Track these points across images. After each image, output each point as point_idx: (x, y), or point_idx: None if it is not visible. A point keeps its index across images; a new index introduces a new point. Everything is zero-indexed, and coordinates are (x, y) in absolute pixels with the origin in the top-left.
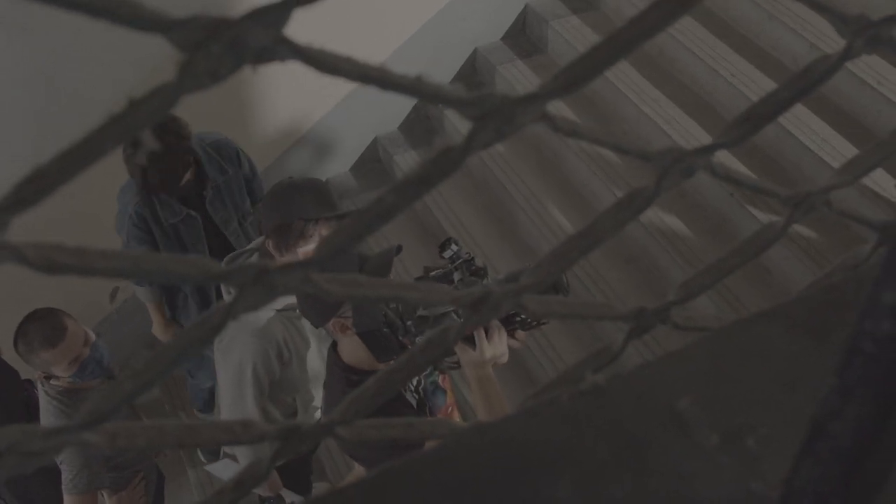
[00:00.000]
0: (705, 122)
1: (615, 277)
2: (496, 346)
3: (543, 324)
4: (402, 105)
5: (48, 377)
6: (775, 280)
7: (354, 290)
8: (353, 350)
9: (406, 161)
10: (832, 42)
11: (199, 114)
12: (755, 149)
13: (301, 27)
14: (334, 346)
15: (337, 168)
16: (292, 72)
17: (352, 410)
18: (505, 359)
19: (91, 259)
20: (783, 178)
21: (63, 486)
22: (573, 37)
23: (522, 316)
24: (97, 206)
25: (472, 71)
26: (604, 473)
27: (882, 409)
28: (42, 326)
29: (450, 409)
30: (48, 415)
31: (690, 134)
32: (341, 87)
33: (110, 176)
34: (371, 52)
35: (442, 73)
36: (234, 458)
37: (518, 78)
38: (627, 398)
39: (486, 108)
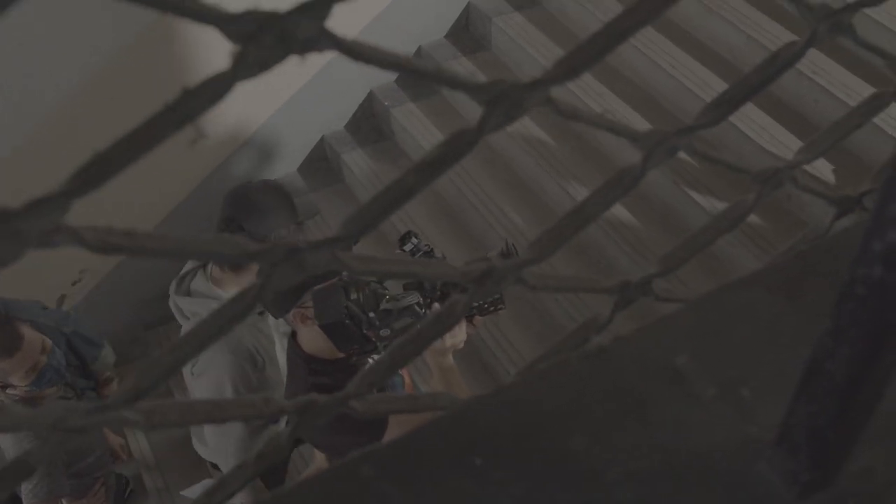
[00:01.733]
0: (648, 114)
1: (568, 268)
2: (456, 333)
3: (500, 309)
4: (348, 104)
5: (4, 386)
6: (722, 266)
7: (374, 266)
8: (312, 339)
9: (353, 160)
10: (767, 34)
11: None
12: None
13: None
14: (293, 335)
15: (285, 168)
16: None
17: (365, 384)
18: (462, 344)
19: (140, 240)
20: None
21: (23, 496)
22: (517, 33)
23: (480, 302)
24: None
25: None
26: (612, 426)
27: (872, 347)
28: None
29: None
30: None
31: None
32: (286, 89)
33: None
34: None
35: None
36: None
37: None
38: (629, 358)
39: (497, 92)
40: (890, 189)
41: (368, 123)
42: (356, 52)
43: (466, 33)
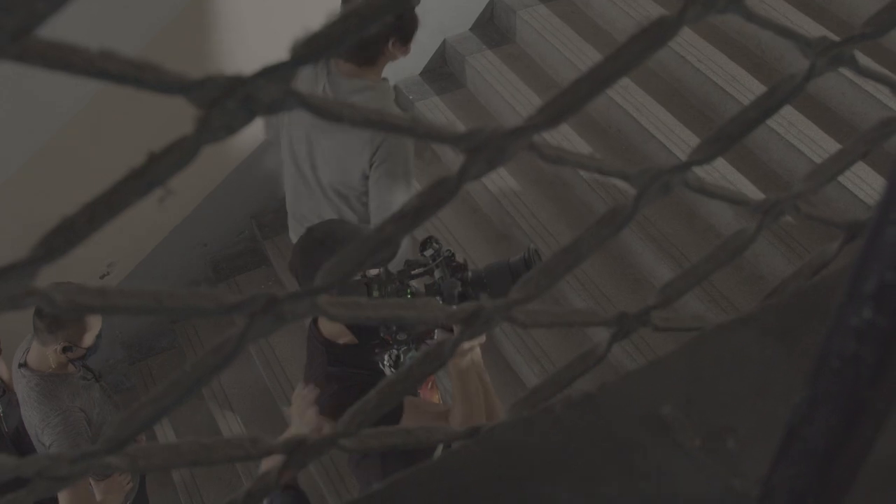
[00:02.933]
0: (673, 108)
1: (605, 282)
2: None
3: None
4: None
5: (68, 348)
6: (748, 264)
7: (358, 311)
8: (332, 323)
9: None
10: (797, 26)
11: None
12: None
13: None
14: (314, 320)
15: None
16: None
17: (355, 422)
18: (482, 341)
19: (112, 298)
20: (756, 166)
21: None
22: (541, 26)
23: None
24: None
25: (442, 62)
26: (597, 476)
27: (848, 417)
28: None
29: (430, 384)
30: (31, 404)
31: (659, 119)
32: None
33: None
34: None
35: (412, 64)
36: None
37: (488, 68)
38: (615, 405)
39: (478, 141)
40: (867, 262)
41: (493, 26)
42: (323, 109)
43: (491, 26)
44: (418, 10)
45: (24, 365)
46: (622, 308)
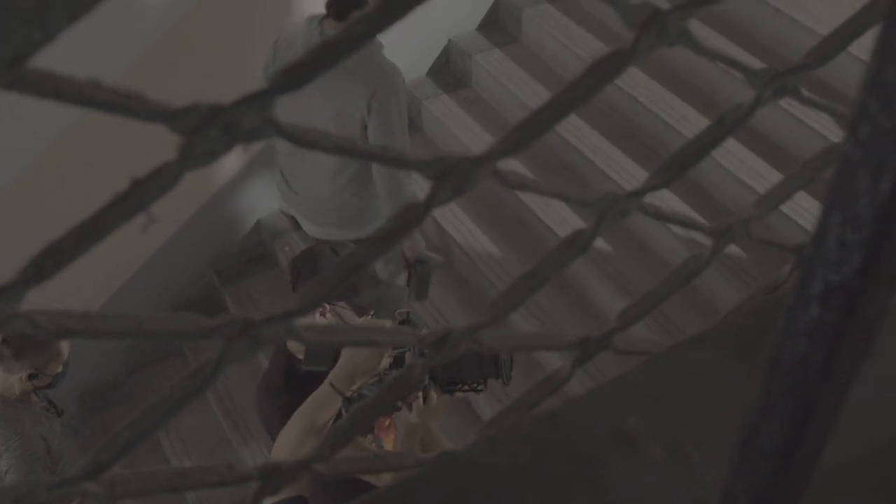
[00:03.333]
0: (627, 148)
1: (551, 305)
2: (426, 413)
3: (481, 390)
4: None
5: (34, 375)
6: (702, 298)
7: (331, 336)
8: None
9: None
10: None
11: None
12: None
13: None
14: None
15: (266, 208)
16: None
17: (327, 446)
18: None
19: (95, 322)
20: (703, 197)
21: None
22: (497, 70)
23: (465, 387)
24: None
25: None
26: (565, 490)
27: (801, 414)
28: None
29: (387, 422)
30: None
31: (613, 160)
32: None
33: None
34: None
35: None
36: None
37: (445, 112)
38: (580, 421)
39: (444, 168)
40: (812, 266)
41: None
42: (300, 139)
43: (447, 70)
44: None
45: (34, 375)
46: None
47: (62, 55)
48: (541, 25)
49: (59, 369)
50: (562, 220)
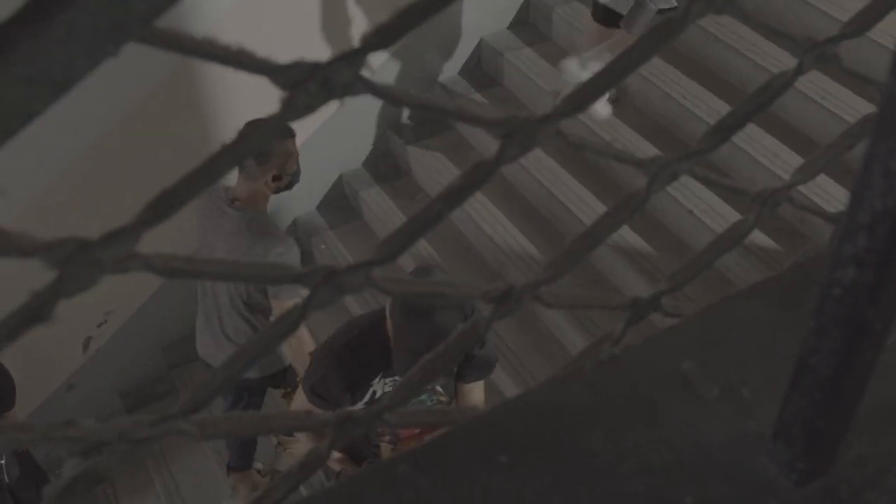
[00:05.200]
0: (661, 145)
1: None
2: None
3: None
4: (364, 143)
5: (276, 177)
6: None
7: (405, 287)
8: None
9: (371, 196)
10: (773, 60)
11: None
12: (710, 165)
13: None
14: None
15: (304, 207)
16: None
17: (398, 397)
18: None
19: (199, 265)
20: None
21: None
22: (528, 68)
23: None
24: None
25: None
26: (625, 426)
27: (851, 342)
28: None
29: (417, 430)
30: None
31: (648, 156)
32: (304, 129)
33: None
34: None
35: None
36: None
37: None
38: (639, 364)
39: (512, 127)
40: (859, 196)
41: (385, 161)
42: (386, 94)
43: (479, 69)
44: (408, 55)
45: (234, 203)
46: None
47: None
48: (571, 23)
49: (296, 168)
50: (595, 214)
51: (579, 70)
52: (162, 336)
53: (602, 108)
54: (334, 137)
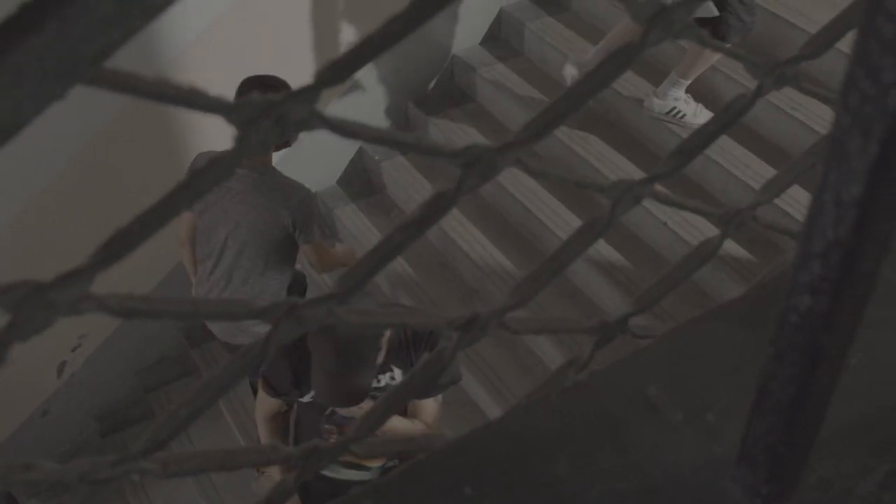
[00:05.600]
0: (633, 156)
1: (559, 312)
2: None
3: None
4: (339, 160)
5: None
6: (713, 304)
7: (368, 318)
8: None
9: (346, 214)
10: (743, 72)
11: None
12: (683, 177)
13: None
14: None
15: None
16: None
17: (365, 428)
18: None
19: (157, 304)
20: (711, 203)
21: None
22: (501, 83)
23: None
24: None
25: (406, 122)
26: (592, 452)
27: (808, 368)
28: None
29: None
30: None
31: (620, 168)
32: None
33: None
34: None
35: (377, 124)
36: None
37: (452, 128)
38: (605, 390)
39: (472, 157)
40: (812, 225)
41: (360, 178)
42: (343, 129)
43: (452, 84)
44: (382, 71)
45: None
46: (584, 344)
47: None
48: (542, 38)
49: None
50: (572, 230)
51: (662, 103)
52: (137, 359)
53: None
54: (308, 156)
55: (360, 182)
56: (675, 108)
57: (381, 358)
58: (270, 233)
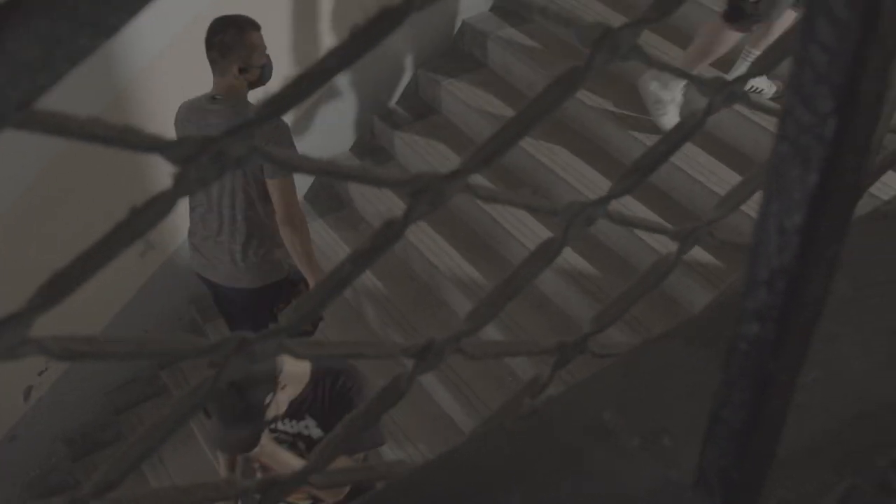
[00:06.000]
0: (599, 166)
1: (532, 325)
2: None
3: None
4: (306, 175)
5: (243, 70)
6: (683, 309)
7: (320, 350)
8: None
9: (315, 230)
10: None
11: None
12: (649, 185)
13: None
14: None
15: None
16: None
17: (322, 460)
18: None
19: (101, 345)
20: (677, 211)
21: None
22: (465, 96)
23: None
24: None
25: (371, 136)
26: (548, 481)
27: (758, 394)
28: None
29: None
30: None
31: (585, 177)
32: None
33: None
34: None
35: (343, 139)
36: None
37: (418, 141)
38: (560, 416)
39: (419, 186)
40: (756, 253)
41: (327, 192)
42: (287, 163)
43: (416, 97)
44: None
45: (216, 99)
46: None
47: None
48: (505, 49)
49: (264, 60)
50: (539, 239)
51: (660, 90)
52: (106, 381)
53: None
54: None
55: (327, 196)
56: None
57: (277, 411)
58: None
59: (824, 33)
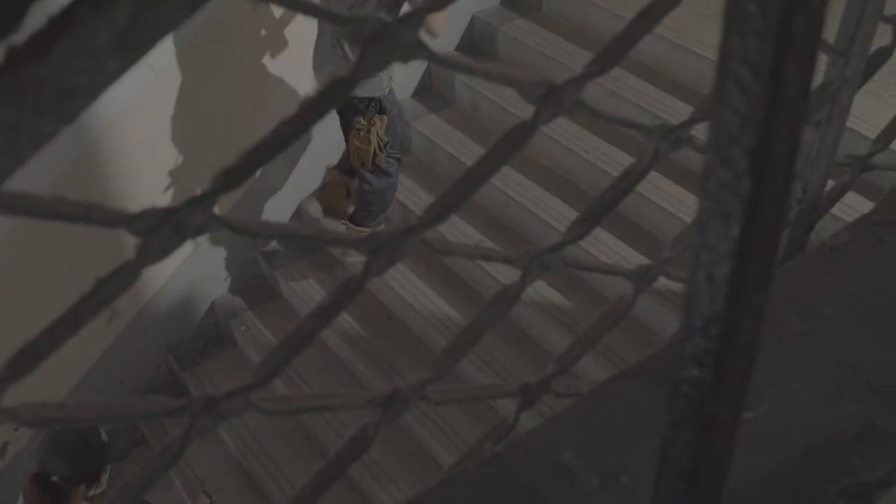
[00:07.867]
0: (569, 199)
1: (509, 360)
2: None
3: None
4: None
5: None
6: (657, 338)
7: (287, 405)
8: None
9: (291, 274)
10: (672, 112)
11: None
12: (618, 216)
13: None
14: None
15: (220, 289)
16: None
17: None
18: None
19: (71, 411)
20: (647, 241)
21: None
22: (434, 135)
23: None
24: None
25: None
26: None
27: (702, 435)
28: None
29: None
30: None
31: (557, 211)
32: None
33: None
34: None
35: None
36: None
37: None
38: (522, 459)
39: (376, 243)
40: (691, 302)
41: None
42: (244, 230)
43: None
44: None
45: None
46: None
47: None
48: (473, 89)
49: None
50: (514, 277)
51: None
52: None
53: None
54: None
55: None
56: None
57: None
58: None
59: (735, 100)
